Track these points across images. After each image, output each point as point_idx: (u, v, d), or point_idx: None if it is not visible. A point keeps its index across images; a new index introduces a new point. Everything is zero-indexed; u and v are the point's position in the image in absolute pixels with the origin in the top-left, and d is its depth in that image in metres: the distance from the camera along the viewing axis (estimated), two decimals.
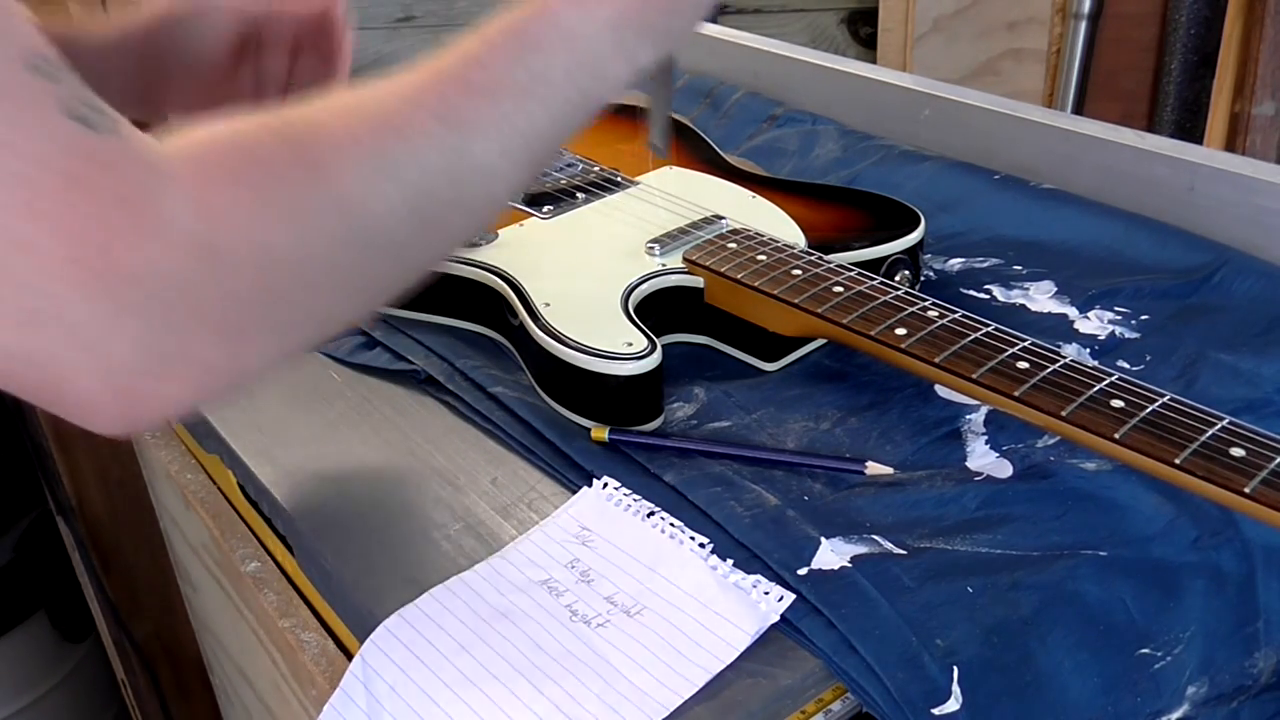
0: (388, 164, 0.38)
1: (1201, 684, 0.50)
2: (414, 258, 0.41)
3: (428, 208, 0.40)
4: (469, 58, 0.43)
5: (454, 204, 0.41)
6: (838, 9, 1.73)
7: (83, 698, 1.28)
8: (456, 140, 0.41)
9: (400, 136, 0.39)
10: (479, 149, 0.42)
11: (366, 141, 0.38)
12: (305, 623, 0.56)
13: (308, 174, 0.36)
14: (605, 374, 0.58)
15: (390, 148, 0.39)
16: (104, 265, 0.31)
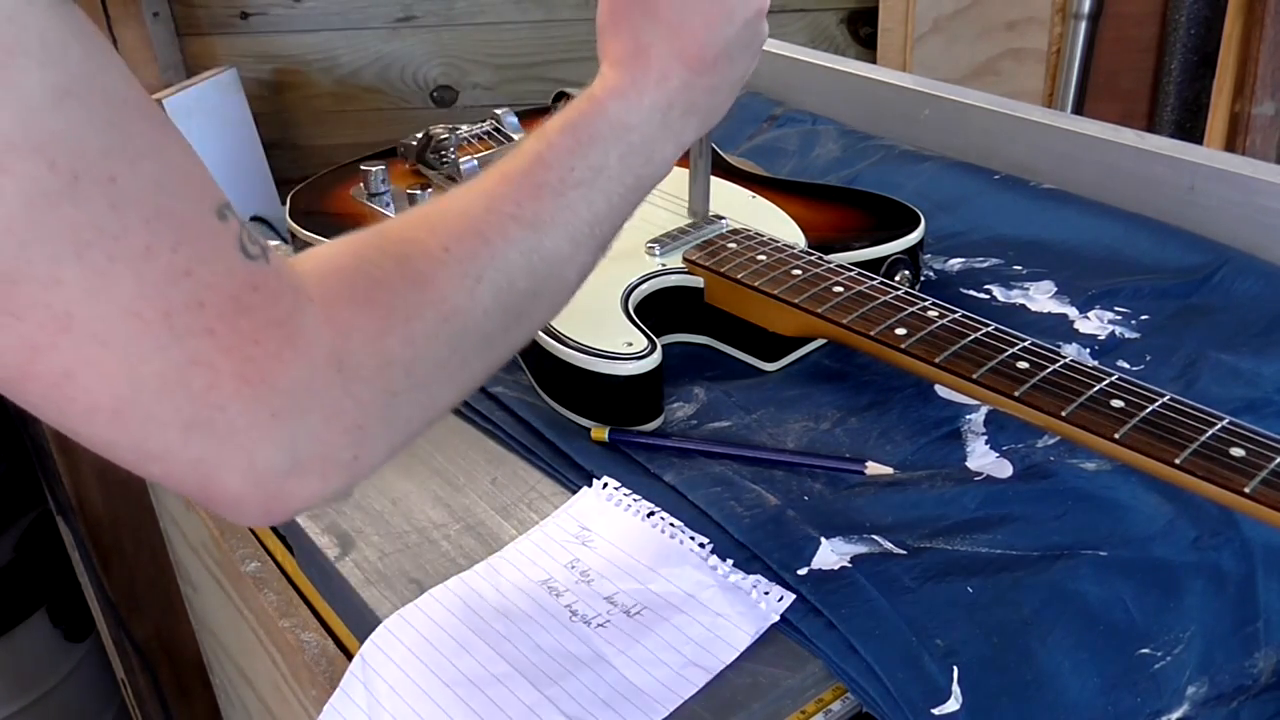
0: (477, 269, 0.44)
1: (1201, 684, 0.50)
2: (503, 345, 0.46)
3: (512, 301, 0.45)
4: (535, 158, 0.49)
5: (534, 294, 0.46)
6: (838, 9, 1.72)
7: (83, 698, 1.28)
8: (532, 238, 0.46)
9: (485, 242, 0.44)
10: (550, 242, 0.47)
11: (457, 252, 0.43)
12: (305, 623, 0.56)
13: (414, 288, 0.41)
14: (605, 374, 0.58)
15: (478, 254, 0.44)
16: (261, 379, 0.35)
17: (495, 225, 0.45)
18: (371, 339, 0.39)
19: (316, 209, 0.78)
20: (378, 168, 0.77)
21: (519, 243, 0.45)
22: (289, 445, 0.37)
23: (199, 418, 0.35)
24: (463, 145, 0.84)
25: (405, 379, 0.40)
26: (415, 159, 0.83)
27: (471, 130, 0.87)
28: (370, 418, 0.39)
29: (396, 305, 0.40)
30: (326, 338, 0.37)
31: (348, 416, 0.38)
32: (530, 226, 0.46)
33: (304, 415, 0.37)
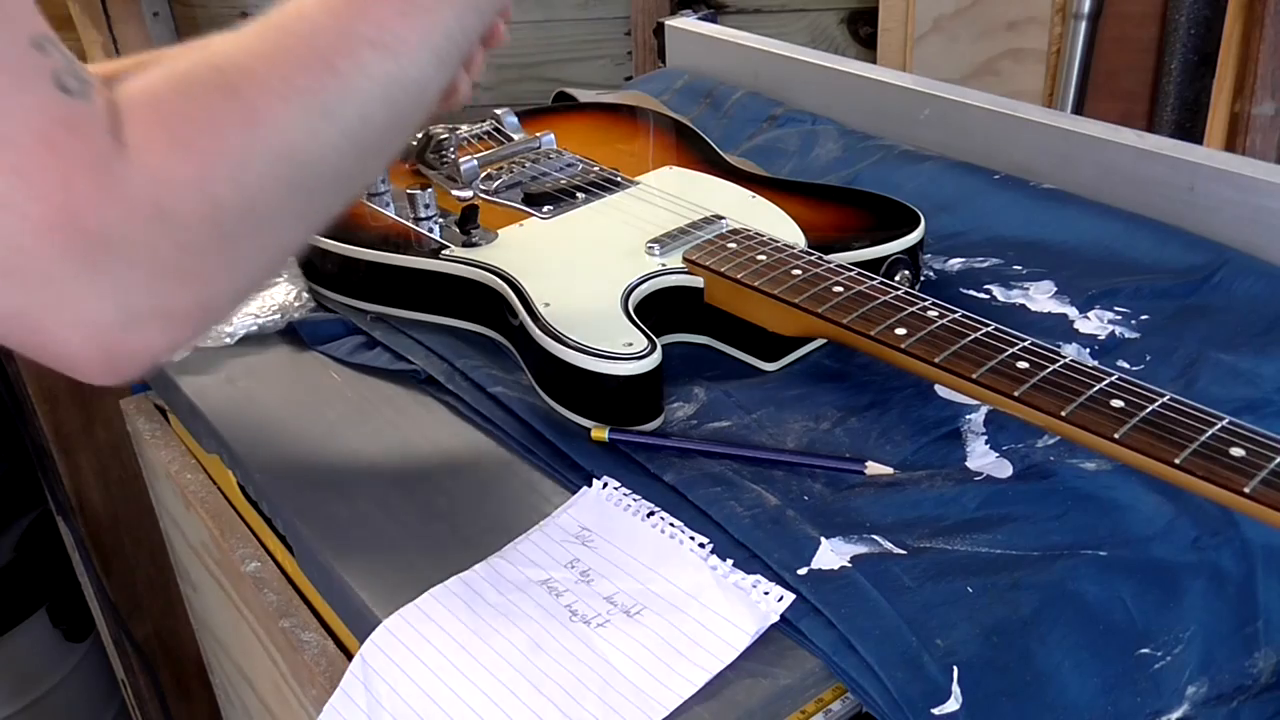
0: (322, 103, 0.39)
1: (1201, 684, 0.50)
2: (358, 179, 0.43)
3: (367, 137, 0.41)
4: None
5: (393, 126, 0.42)
6: (838, 9, 1.72)
7: (83, 698, 1.28)
8: (392, 64, 0.41)
9: (333, 72, 0.40)
10: (415, 67, 0.42)
11: (300, 84, 0.39)
12: (305, 623, 0.56)
13: (245, 126, 0.37)
14: (605, 374, 0.58)
15: (323, 86, 0.40)
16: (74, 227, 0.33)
17: (346, 50, 0.40)
18: (195, 183, 0.36)
19: None
20: None
21: (374, 70, 0.41)
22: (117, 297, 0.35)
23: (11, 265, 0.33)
24: (463, 145, 0.84)
25: (240, 223, 0.38)
26: (415, 159, 0.83)
27: (471, 130, 0.87)
28: (205, 265, 0.37)
29: (224, 146, 0.37)
30: (145, 182, 0.35)
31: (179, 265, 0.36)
32: (388, 50, 0.41)
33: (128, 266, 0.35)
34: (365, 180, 0.43)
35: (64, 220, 0.33)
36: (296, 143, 0.39)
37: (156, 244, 0.35)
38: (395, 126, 0.43)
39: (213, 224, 0.37)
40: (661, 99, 1.06)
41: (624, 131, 0.93)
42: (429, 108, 0.45)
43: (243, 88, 0.38)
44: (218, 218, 0.37)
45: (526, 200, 0.76)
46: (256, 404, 0.66)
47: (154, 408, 0.80)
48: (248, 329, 0.73)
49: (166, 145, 0.36)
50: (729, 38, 1.15)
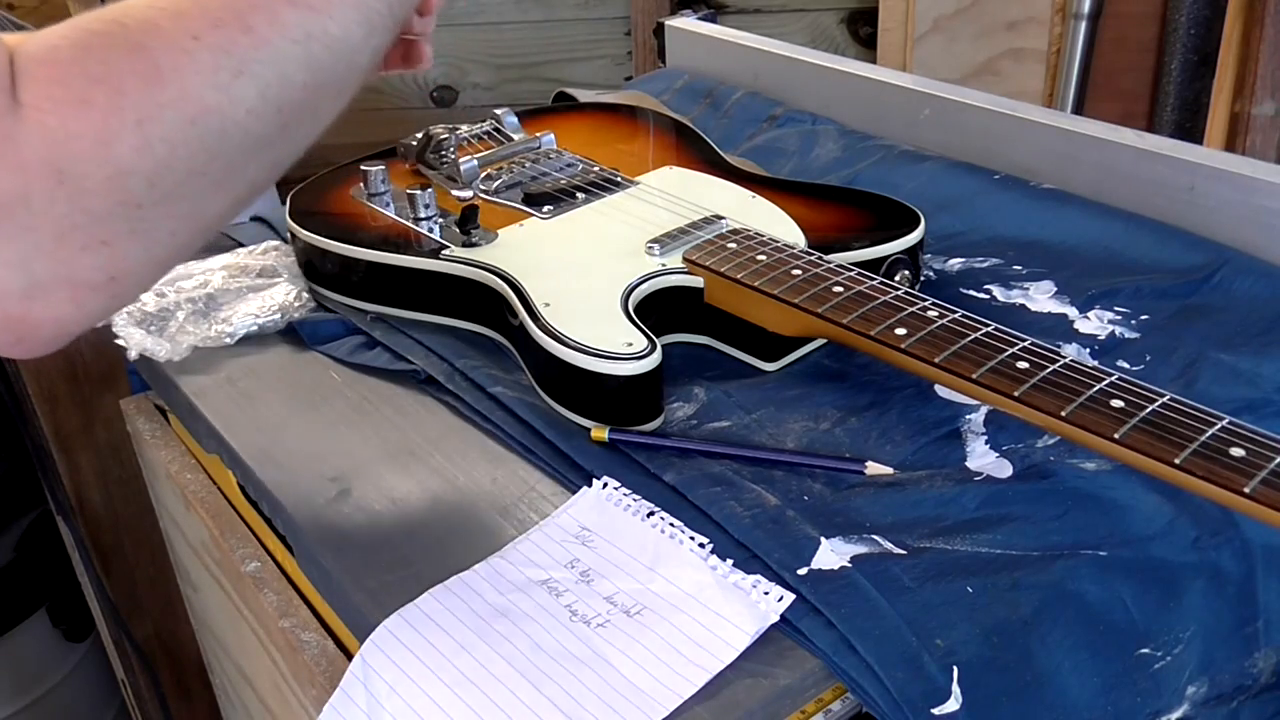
0: (235, 62, 0.38)
1: (1201, 684, 0.50)
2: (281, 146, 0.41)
3: (287, 96, 0.39)
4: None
5: (316, 88, 0.40)
6: (838, 9, 1.72)
7: (83, 698, 1.28)
8: (312, 21, 0.40)
9: (246, 30, 0.38)
10: (338, 26, 0.41)
11: (209, 40, 0.37)
12: (305, 623, 0.56)
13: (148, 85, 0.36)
14: (605, 374, 0.58)
15: (235, 43, 0.38)
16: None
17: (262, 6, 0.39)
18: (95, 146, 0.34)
19: (316, 209, 0.78)
20: (378, 168, 0.77)
21: (293, 28, 0.39)
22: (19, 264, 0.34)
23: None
24: (463, 145, 0.84)
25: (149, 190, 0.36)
26: (415, 159, 0.83)
27: (471, 130, 0.87)
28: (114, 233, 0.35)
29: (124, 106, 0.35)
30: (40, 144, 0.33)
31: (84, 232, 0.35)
32: (309, 8, 0.40)
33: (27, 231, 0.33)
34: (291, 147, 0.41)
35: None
36: (207, 102, 0.37)
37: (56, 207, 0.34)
38: (319, 87, 0.41)
39: (117, 188, 0.35)
40: (661, 99, 1.06)
41: (624, 131, 0.93)
42: (359, 70, 0.43)
43: (148, 44, 0.36)
44: (122, 181, 0.35)
45: (526, 200, 0.76)
46: (256, 404, 0.66)
47: (154, 408, 0.81)
48: (248, 329, 0.73)
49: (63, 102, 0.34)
50: (729, 38, 1.15)
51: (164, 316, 0.74)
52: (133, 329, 0.72)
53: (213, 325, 0.73)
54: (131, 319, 0.73)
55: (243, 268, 0.79)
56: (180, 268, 0.81)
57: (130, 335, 0.72)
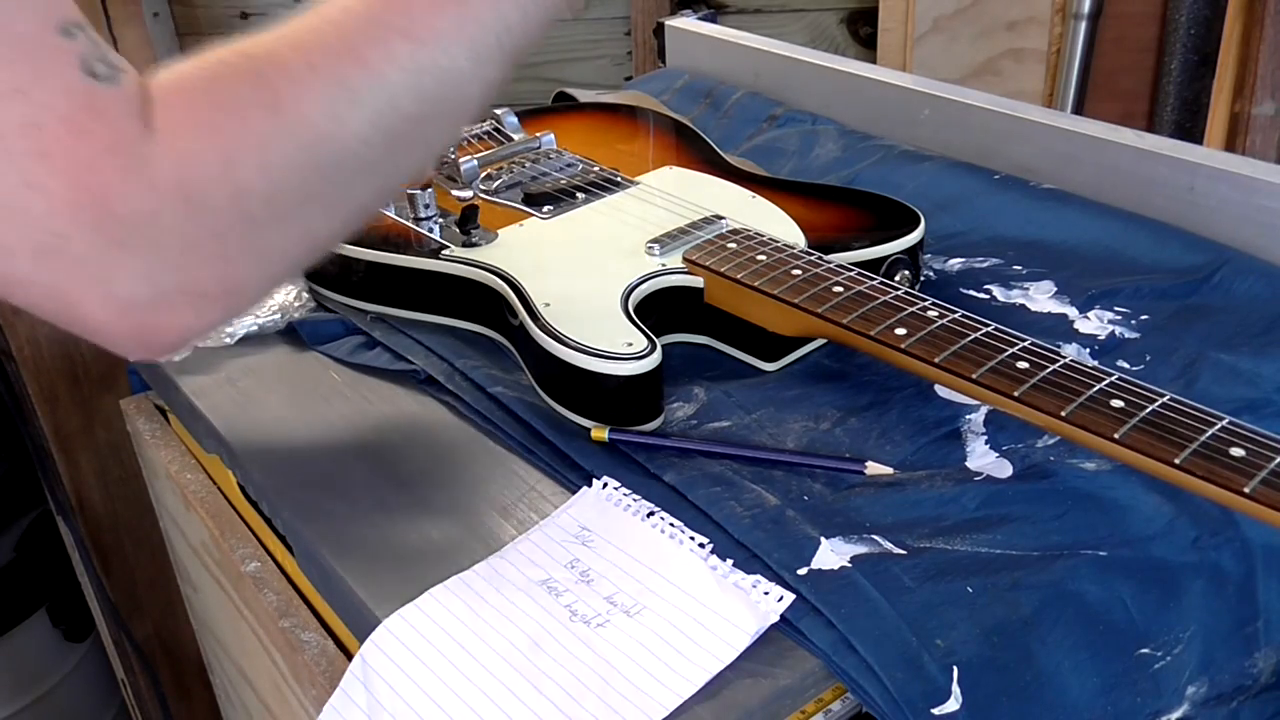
0: (348, 90, 0.39)
1: (1201, 684, 0.50)
2: (390, 173, 0.42)
3: (396, 125, 0.41)
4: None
5: (425, 118, 0.42)
6: (838, 9, 1.72)
7: (83, 698, 1.28)
8: (422, 55, 0.41)
9: (360, 61, 0.40)
10: (446, 58, 0.42)
11: (325, 71, 0.39)
12: (305, 623, 0.56)
13: (269, 113, 0.38)
14: (605, 374, 0.58)
15: (350, 74, 0.40)
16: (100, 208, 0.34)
17: (375, 39, 0.41)
18: (219, 169, 0.37)
19: None
20: None
21: (404, 60, 0.41)
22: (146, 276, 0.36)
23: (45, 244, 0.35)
24: (463, 145, 0.84)
25: (267, 209, 0.38)
26: None
27: (471, 130, 0.87)
28: (234, 249, 0.38)
29: (247, 131, 0.38)
30: (170, 167, 0.36)
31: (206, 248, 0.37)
32: (420, 41, 0.41)
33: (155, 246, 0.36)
34: (399, 173, 0.43)
35: (91, 201, 0.34)
36: (322, 129, 0.39)
37: (182, 226, 0.36)
38: (427, 117, 0.43)
39: (238, 208, 0.37)
40: (661, 99, 1.06)
41: (624, 131, 0.93)
42: (470, 100, 0.44)
43: (269, 74, 0.39)
44: (243, 202, 0.38)
45: (526, 200, 0.76)
46: (256, 404, 0.66)
47: (154, 408, 0.80)
48: (248, 329, 0.73)
49: (192, 129, 0.37)
50: (729, 38, 1.15)
51: None
52: None
53: None
54: None
55: None
56: None
57: None
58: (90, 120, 0.34)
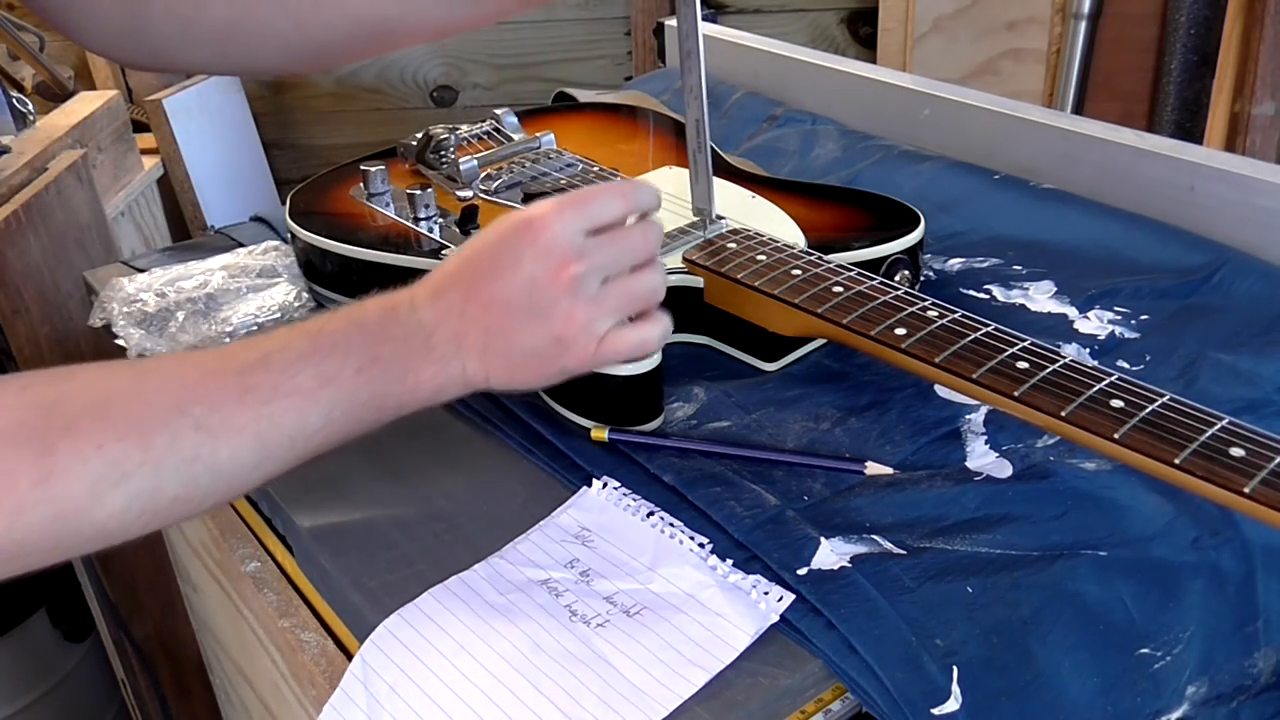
0: (123, 475, 0.41)
1: (1201, 684, 0.50)
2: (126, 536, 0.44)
3: (151, 505, 0.43)
4: (259, 357, 0.46)
5: (182, 500, 0.44)
6: (838, 9, 1.73)
7: (83, 698, 1.28)
8: (207, 447, 0.43)
9: (145, 446, 0.42)
10: (229, 451, 0.44)
11: (109, 453, 0.41)
12: (305, 623, 0.56)
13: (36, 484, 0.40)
14: (605, 374, 0.58)
15: (129, 458, 0.41)
16: None
17: (169, 428, 0.43)
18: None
19: (316, 209, 0.78)
20: (378, 168, 0.77)
21: (188, 450, 0.43)
22: None
23: None
24: (463, 145, 0.84)
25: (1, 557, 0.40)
26: (415, 159, 0.83)
27: (471, 130, 0.87)
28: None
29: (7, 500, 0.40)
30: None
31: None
32: (211, 434, 0.43)
33: None
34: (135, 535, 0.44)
35: None
36: (79, 504, 0.41)
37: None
38: (186, 501, 0.44)
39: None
40: (661, 99, 1.06)
41: (624, 131, 0.93)
42: (240, 492, 0.46)
43: (57, 446, 0.40)
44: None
45: (526, 200, 0.76)
46: None
47: None
48: (248, 329, 0.73)
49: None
50: (729, 38, 1.15)
51: (164, 316, 0.74)
52: (133, 329, 0.72)
53: (213, 325, 0.73)
54: (131, 319, 0.73)
55: (243, 268, 0.79)
56: (180, 268, 0.81)
57: (130, 335, 0.72)
58: None
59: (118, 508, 0.42)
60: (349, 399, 0.47)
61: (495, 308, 0.50)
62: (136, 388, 0.44)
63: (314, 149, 1.93)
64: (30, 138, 1.24)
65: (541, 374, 0.52)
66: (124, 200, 1.43)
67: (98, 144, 1.37)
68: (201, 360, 0.46)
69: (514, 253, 0.50)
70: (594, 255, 0.50)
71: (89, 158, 1.25)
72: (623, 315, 0.52)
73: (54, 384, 0.42)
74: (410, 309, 0.50)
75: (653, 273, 0.53)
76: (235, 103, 1.84)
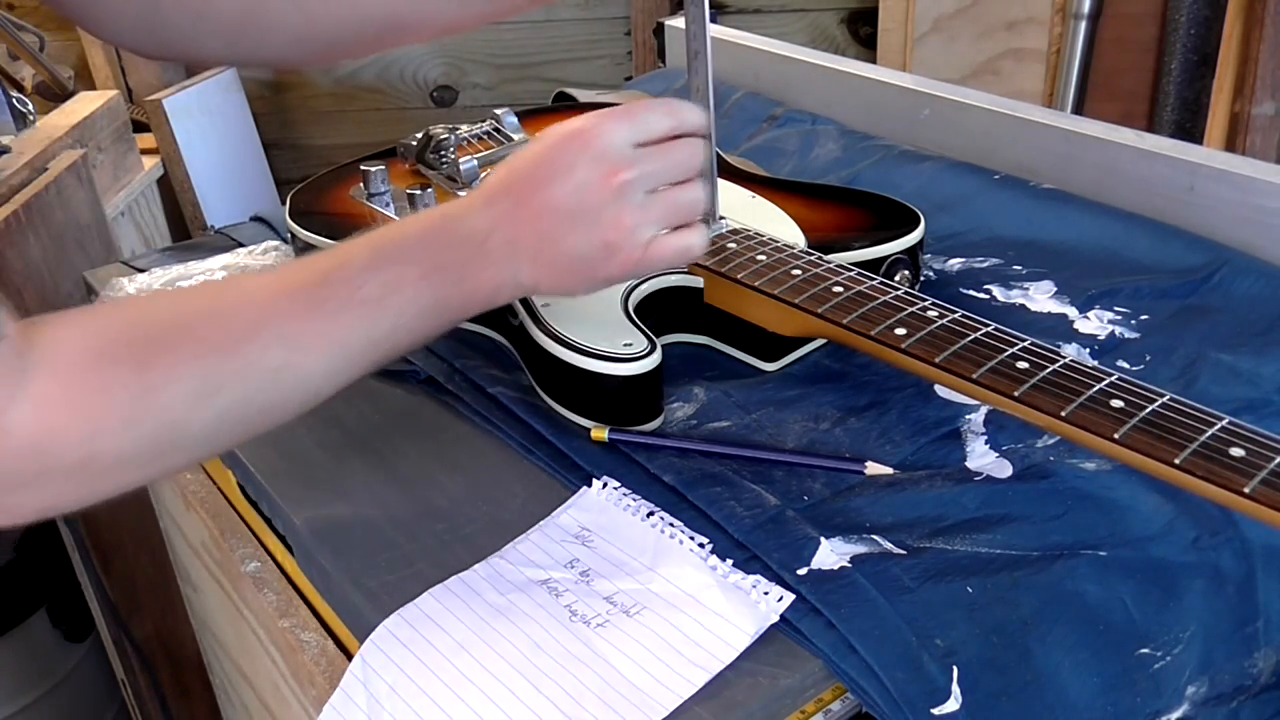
0: (217, 386, 0.44)
1: (1201, 684, 0.50)
2: (221, 446, 0.47)
3: (242, 414, 0.45)
4: (325, 273, 0.48)
5: (271, 408, 0.47)
6: (838, 9, 1.73)
7: (83, 698, 1.28)
8: (289, 358, 0.46)
9: (234, 360, 0.44)
10: (309, 362, 0.47)
11: (203, 367, 0.44)
12: (305, 623, 0.56)
13: (143, 396, 0.42)
14: (605, 374, 0.58)
15: (222, 372, 0.44)
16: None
17: (254, 341, 0.45)
18: (79, 439, 0.41)
19: (316, 209, 0.78)
20: (378, 168, 0.77)
21: (272, 361, 0.45)
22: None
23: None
24: (463, 145, 0.84)
25: (105, 469, 0.42)
26: (415, 159, 0.83)
27: (471, 130, 0.87)
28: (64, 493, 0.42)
29: (116, 412, 0.42)
30: (34, 433, 0.40)
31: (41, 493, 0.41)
32: (290, 345, 0.46)
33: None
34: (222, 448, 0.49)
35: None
36: (176, 413, 0.43)
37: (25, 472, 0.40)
38: (273, 408, 0.47)
39: (85, 467, 0.42)
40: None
41: None
42: (318, 398, 0.49)
43: (152, 359, 0.43)
44: (91, 463, 0.42)
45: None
46: None
47: None
48: None
49: (64, 407, 0.41)
50: (729, 38, 1.15)
51: None
52: None
53: None
54: None
55: (242, 268, 0.79)
56: (180, 268, 0.81)
57: None
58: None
59: (213, 418, 0.44)
60: (413, 305, 0.50)
61: (546, 214, 0.51)
62: (217, 306, 0.46)
63: (314, 149, 1.93)
64: (30, 138, 1.24)
65: (590, 279, 0.54)
66: (124, 200, 1.43)
67: (98, 144, 1.37)
68: (271, 280, 0.48)
69: (565, 160, 0.51)
70: (642, 164, 0.52)
71: (89, 158, 1.25)
72: (666, 225, 0.54)
73: (139, 309, 0.44)
74: (464, 217, 0.52)
75: (695, 187, 0.55)
76: (235, 103, 1.84)
